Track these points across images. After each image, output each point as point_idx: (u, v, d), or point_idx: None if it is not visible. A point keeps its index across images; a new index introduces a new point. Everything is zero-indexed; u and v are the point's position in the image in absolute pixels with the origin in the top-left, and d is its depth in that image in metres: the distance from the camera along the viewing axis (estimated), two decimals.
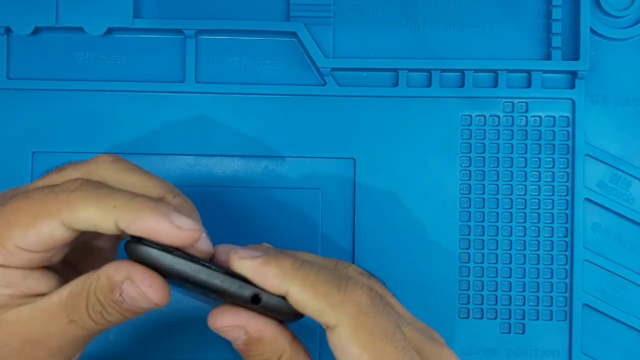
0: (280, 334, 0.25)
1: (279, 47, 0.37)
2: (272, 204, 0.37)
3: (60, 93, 0.37)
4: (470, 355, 0.37)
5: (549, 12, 0.37)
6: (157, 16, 0.37)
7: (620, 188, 0.37)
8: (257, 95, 0.37)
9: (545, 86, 0.37)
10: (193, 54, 0.37)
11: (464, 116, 0.37)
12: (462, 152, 0.37)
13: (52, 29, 0.37)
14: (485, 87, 0.37)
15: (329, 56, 0.37)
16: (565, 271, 0.37)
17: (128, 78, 0.37)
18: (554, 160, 0.37)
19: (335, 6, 0.37)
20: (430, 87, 0.37)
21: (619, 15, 0.37)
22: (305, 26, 0.37)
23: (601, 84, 0.37)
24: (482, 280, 0.37)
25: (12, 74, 0.37)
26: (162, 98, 0.37)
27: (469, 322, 0.37)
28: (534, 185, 0.37)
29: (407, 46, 0.37)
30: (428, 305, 0.37)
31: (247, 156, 0.37)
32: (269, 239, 0.37)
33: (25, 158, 0.37)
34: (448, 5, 0.37)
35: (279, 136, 0.37)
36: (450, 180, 0.37)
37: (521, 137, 0.37)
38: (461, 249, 0.37)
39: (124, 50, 0.37)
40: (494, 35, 0.37)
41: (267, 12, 0.37)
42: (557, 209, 0.37)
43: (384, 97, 0.37)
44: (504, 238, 0.37)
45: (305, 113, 0.37)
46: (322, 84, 0.37)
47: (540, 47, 0.37)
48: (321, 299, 0.24)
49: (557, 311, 0.37)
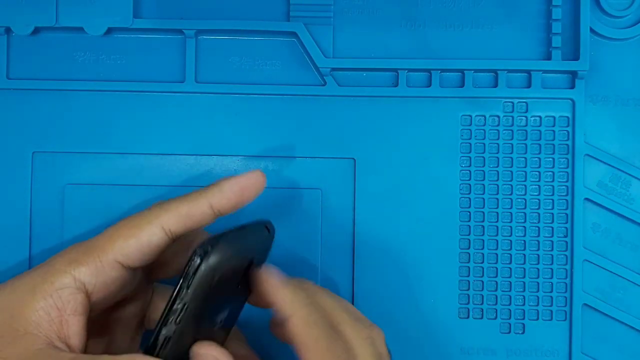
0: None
1: (279, 47, 0.37)
2: (272, 204, 0.37)
3: (60, 93, 0.37)
4: (470, 355, 0.37)
5: (549, 12, 0.37)
6: (157, 16, 0.37)
7: (620, 188, 0.37)
8: (257, 95, 0.37)
9: (545, 86, 0.37)
10: (193, 54, 0.37)
11: (464, 116, 0.37)
12: (462, 152, 0.37)
13: (52, 29, 0.37)
14: (485, 87, 0.37)
15: (329, 56, 0.37)
16: (565, 271, 0.37)
17: (128, 78, 0.37)
18: (554, 160, 0.37)
19: (335, 6, 0.37)
20: (430, 87, 0.37)
21: (619, 15, 0.37)
22: (305, 26, 0.37)
23: (601, 84, 0.37)
24: (482, 280, 0.37)
25: (12, 74, 0.37)
26: (162, 98, 0.37)
27: (469, 322, 0.37)
28: (534, 185, 0.37)
29: (407, 46, 0.37)
30: (428, 305, 0.37)
31: (247, 156, 0.37)
32: None
33: (25, 158, 0.37)
34: (448, 5, 0.37)
35: (279, 136, 0.37)
36: (450, 180, 0.37)
37: (521, 137, 0.37)
38: (461, 249, 0.37)
39: (124, 50, 0.37)
40: (494, 35, 0.37)
41: (267, 12, 0.37)
42: (557, 209, 0.37)
43: (384, 97, 0.37)
44: (504, 238, 0.37)
45: (305, 113, 0.37)
46: (322, 84, 0.37)
47: (540, 47, 0.37)
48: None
49: (557, 311, 0.37)
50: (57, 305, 0.26)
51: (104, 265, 0.27)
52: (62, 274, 0.27)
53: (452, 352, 0.37)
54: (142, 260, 0.28)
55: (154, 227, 0.27)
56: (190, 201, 0.28)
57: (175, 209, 0.28)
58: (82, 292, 0.27)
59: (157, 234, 0.27)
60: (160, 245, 0.28)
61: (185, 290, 0.26)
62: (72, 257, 0.27)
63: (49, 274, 0.27)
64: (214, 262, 0.26)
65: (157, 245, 0.27)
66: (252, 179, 0.29)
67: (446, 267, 0.37)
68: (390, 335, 0.37)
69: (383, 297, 0.37)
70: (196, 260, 0.26)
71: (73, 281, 0.26)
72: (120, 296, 0.29)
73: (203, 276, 0.26)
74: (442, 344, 0.37)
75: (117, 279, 0.27)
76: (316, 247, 0.37)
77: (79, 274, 0.27)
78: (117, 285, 0.28)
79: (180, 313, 0.26)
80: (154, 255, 0.28)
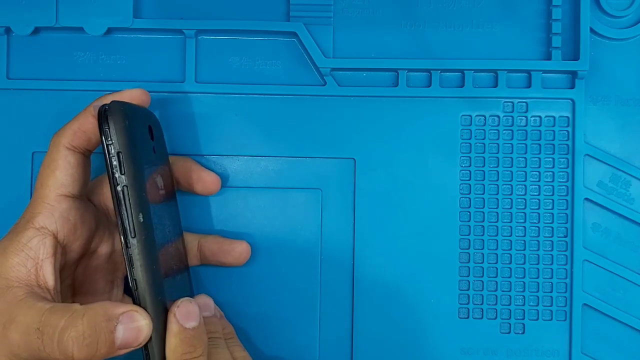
0: None
1: (279, 47, 0.37)
2: (272, 204, 0.37)
3: (60, 93, 0.37)
4: (470, 355, 0.37)
5: (549, 12, 0.37)
6: (157, 16, 0.37)
7: (620, 188, 0.37)
8: (257, 95, 0.37)
9: (545, 86, 0.37)
10: (193, 54, 0.37)
11: (464, 116, 0.37)
12: (462, 152, 0.37)
13: (52, 29, 0.37)
14: (485, 87, 0.37)
15: (329, 56, 0.37)
16: (565, 271, 0.37)
17: (128, 78, 0.37)
18: (554, 160, 0.37)
19: (335, 6, 0.37)
20: (430, 87, 0.37)
21: (619, 15, 0.37)
22: (305, 26, 0.37)
23: (601, 84, 0.37)
24: (482, 280, 0.37)
25: (12, 74, 0.37)
26: (162, 98, 0.37)
27: (469, 322, 0.37)
28: (534, 185, 0.37)
29: (407, 46, 0.37)
30: (428, 305, 0.37)
31: (247, 156, 0.37)
32: (269, 238, 0.37)
33: (25, 158, 0.37)
34: (448, 5, 0.37)
35: (279, 136, 0.37)
36: (450, 180, 0.37)
37: (521, 137, 0.37)
38: (461, 249, 0.37)
39: (124, 50, 0.37)
40: (494, 35, 0.37)
41: (267, 12, 0.37)
42: (557, 209, 0.37)
43: (384, 97, 0.37)
44: (504, 238, 0.37)
45: (305, 113, 0.37)
46: (322, 84, 0.37)
47: (540, 47, 0.37)
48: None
49: (557, 311, 0.37)
50: (30, 255, 0.29)
51: (52, 204, 0.30)
52: (25, 230, 0.30)
53: (452, 352, 0.37)
54: (77, 182, 0.31)
55: (61, 150, 0.31)
56: (77, 117, 0.32)
57: (68, 128, 0.31)
58: (48, 236, 0.30)
59: (67, 154, 0.31)
60: (80, 162, 0.31)
61: (110, 137, 0.29)
62: (27, 217, 0.31)
63: (14, 234, 0.30)
64: (115, 105, 0.29)
65: (78, 163, 0.31)
66: (135, 91, 0.33)
67: (446, 267, 0.37)
68: (390, 334, 0.37)
69: (383, 296, 0.37)
70: (103, 112, 0.29)
71: (36, 231, 0.30)
72: (88, 232, 0.32)
73: (116, 118, 0.29)
74: (442, 344, 0.37)
75: (71, 209, 0.31)
76: (316, 247, 0.37)
77: (38, 222, 0.30)
78: (76, 216, 0.31)
79: (121, 163, 0.29)
80: (82, 174, 0.32)
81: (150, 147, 0.32)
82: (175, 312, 0.29)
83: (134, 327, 0.28)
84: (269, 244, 0.37)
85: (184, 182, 0.35)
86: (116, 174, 0.29)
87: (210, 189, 0.36)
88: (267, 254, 0.37)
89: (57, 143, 0.31)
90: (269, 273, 0.37)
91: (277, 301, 0.37)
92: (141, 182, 0.29)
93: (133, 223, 0.29)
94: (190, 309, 0.29)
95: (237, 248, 0.36)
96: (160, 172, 0.32)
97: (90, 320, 0.27)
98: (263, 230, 0.37)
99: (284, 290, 0.37)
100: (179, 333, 0.28)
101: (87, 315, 0.27)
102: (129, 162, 0.29)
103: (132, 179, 0.29)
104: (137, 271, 0.29)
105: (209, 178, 0.36)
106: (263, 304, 0.37)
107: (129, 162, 0.29)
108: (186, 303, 0.29)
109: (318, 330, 0.37)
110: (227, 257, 0.35)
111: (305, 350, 0.37)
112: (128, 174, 0.29)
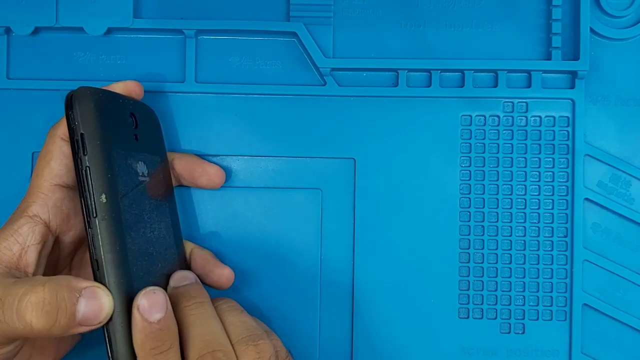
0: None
1: (279, 47, 0.37)
2: (272, 204, 0.37)
3: (60, 93, 0.37)
4: (470, 355, 0.37)
5: (549, 12, 0.37)
6: (157, 16, 0.37)
7: (620, 188, 0.37)
8: (257, 95, 0.37)
9: (545, 86, 0.37)
10: (193, 54, 0.37)
11: (464, 116, 0.37)
12: (462, 152, 0.37)
13: (52, 29, 0.37)
14: (485, 87, 0.37)
15: (329, 56, 0.37)
16: (565, 271, 0.37)
17: (128, 78, 0.37)
18: (554, 160, 0.37)
19: (335, 6, 0.37)
20: (430, 87, 0.37)
21: (619, 15, 0.37)
22: (305, 26, 0.37)
23: (601, 84, 0.37)
24: (482, 280, 0.37)
25: (12, 74, 0.37)
26: (162, 98, 0.37)
27: (469, 322, 0.37)
28: (534, 185, 0.37)
29: (407, 46, 0.37)
30: (428, 305, 0.37)
31: (247, 156, 0.37)
32: (269, 238, 0.37)
33: (25, 158, 0.37)
34: (448, 5, 0.37)
35: (279, 136, 0.37)
36: (450, 180, 0.37)
37: (521, 137, 0.37)
38: (461, 249, 0.37)
39: (124, 50, 0.37)
40: (494, 35, 0.37)
41: (267, 12, 0.37)
42: (557, 209, 0.37)
43: (384, 97, 0.37)
44: (504, 238, 0.37)
45: (305, 113, 0.37)
46: (322, 84, 0.37)
47: (540, 47, 0.37)
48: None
49: (557, 311, 0.37)
50: (18, 240, 0.30)
51: (46, 193, 0.31)
52: (18, 218, 0.31)
53: (452, 352, 0.37)
54: (72, 172, 0.32)
55: (56, 141, 0.32)
56: None
57: (64, 120, 0.32)
58: (40, 224, 0.31)
59: (62, 145, 0.32)
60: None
61: (74, 120, 0.29)
62: (22, 206, 0.31)
63: (8, 222, 0.31)
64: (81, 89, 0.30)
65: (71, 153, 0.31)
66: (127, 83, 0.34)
67: (446, 267, 0.37)
68: (390, 334, 0.37)
69: (383, 296, 0.37)
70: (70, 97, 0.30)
71: (29, 219, 0.31)
72: (81, 223, 0.32)
73: (80, 101, 0.30)
74: (442, 344, 0.37)
75: (65, 199, 0.32)
76: (316, 247, 0.37)
77: (32, 210, 0.31)
78: (69, 206, 0.32)
79: (84, 145, 0.29)
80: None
81: (130, 133, 0.32)
82: (139, 306, 0.28)
83: (96, 303, 0.27)
84: (269, 244, 0.37)
85: (188, 176, 0.35)
86: (79, 154, 0.29)
87: (215, 182, 0.36)
88: (267, 254, 0.37)
89: (53, 135, 0.32)
90: (268, 273, 0.37)
91: (277, 301, 0.37)
92: (106, 163, 0.29)
93: (95, 203, 0.29)
94: (153, 300, 0.28)
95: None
96: (145, 160, 0.32)
97: (52, 288, 0.27)
98: (263, 230, 0.37)
99: (284, 290, 0.37)
100: (143, 328, 0.27)
101: (49, 284, 0.27)
102: (92, 144, 0.29)
103: (95, 160, 0.29)
104: (97, 251, 0.28)
105: (213, 170, 0.36)
106: (263, 304, 0.37)
107: (92, 144, 0.29)
108: (149, 294, 0.28)
109: (318, 330, 0.37)
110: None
111: (305, 350, 0.37)
112: (91, 156, 0.29)
